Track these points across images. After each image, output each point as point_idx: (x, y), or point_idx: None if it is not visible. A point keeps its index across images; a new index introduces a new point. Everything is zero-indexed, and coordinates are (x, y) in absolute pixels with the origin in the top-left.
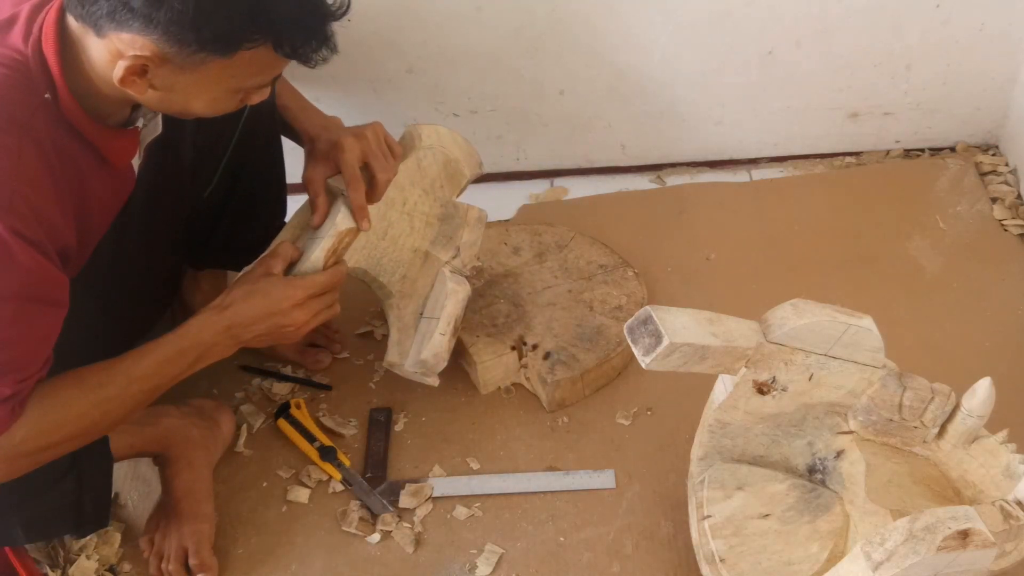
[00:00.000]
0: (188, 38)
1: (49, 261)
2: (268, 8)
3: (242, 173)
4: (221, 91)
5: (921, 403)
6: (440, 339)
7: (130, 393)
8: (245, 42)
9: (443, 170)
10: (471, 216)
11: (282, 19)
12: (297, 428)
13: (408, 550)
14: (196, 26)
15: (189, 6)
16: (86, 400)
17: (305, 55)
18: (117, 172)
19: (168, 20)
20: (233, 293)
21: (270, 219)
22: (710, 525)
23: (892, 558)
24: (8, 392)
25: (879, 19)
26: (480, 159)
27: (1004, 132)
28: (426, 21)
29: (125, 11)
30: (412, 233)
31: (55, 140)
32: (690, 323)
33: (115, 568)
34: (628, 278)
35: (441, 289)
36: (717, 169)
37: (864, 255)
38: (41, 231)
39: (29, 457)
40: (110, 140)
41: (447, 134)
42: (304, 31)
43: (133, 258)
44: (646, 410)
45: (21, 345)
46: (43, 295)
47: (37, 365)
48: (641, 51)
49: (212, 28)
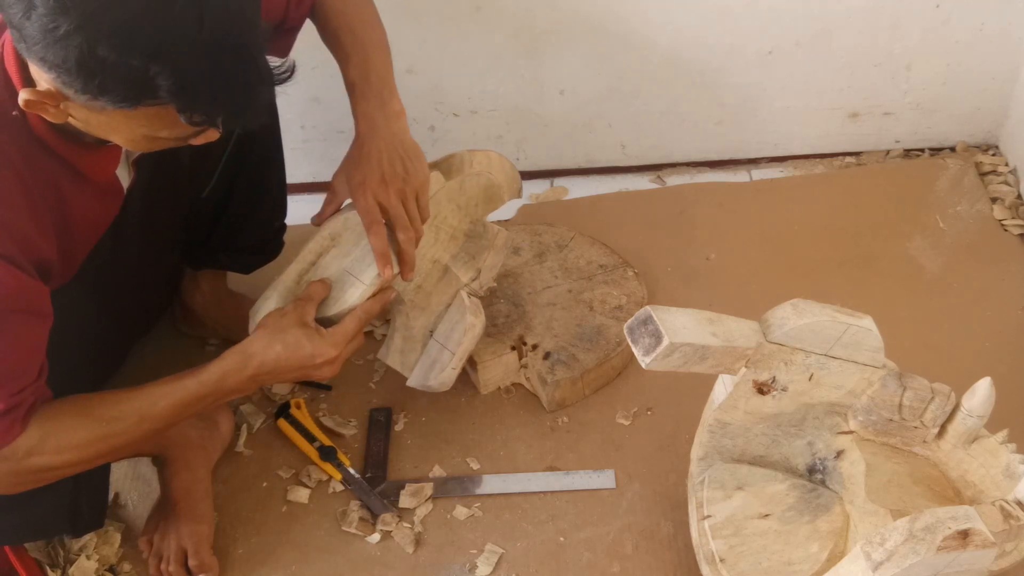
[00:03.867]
0: (78, 86)
1: (24, 273)
2: (169, 72)
3: (241, 173)
4: (137, 136)
5: (921, 403)
6: (452, 373)
7: (141, 430)
8: (144, 100)
9: (483, 192)
10: (499, 240)
11: (186, 87)
12: (297, 428)
13: (408, 550)
14: (84, 77)
15: (72, 57)
16: (93, 432)
17: (223, 125)
18: (99, 186)
19: (57, 64)
20: (261, 339)
21: (269, 219)
22: (710, 525)
23: (892, 558)
24: (3, 406)
25: (879, 19)
26: (521, 185)
27: (1004, 132)
28: (426, 21)
29: (24, 43)
30: (436, 244)
31: (27, 157)
32: (690, 323)
33: (115, 568)
34: (628, 278)
35: (459, 319)
36: (717, 169)
37: (864, 255)
38: (13, 245)
39: (34, 474)
40: (85, 157)
41: (497, 160)
42: (217, 104)
43: (131, 258)
44: (646, 410)
45: (9, 358)
46: (23, 306)
47: (30, 376)
48: (641, 51)
49: (100, 82)
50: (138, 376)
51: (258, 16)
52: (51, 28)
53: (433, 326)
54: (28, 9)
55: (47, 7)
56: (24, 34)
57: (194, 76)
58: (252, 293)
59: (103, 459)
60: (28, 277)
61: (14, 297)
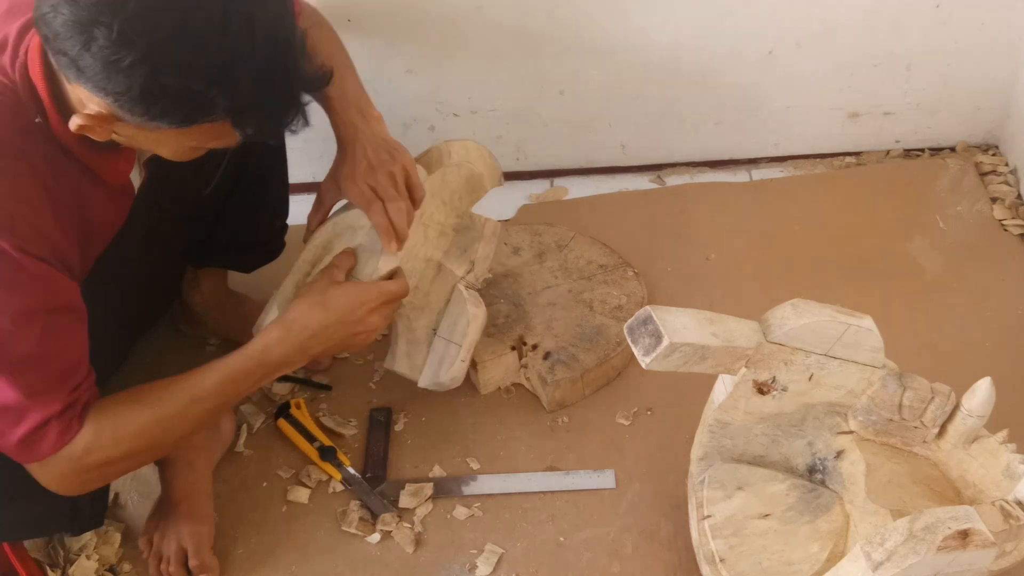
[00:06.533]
0: (138, 111)
1: (60, 272)
2: (228, 93)
3: (245, 171)
4: (184, 148)
5: (921, 403)
6: (461, 366)
7: (193, 412)
8: (201, 119)
9: (465, 183)
10: (488, 230)
11: (243, 102)
12: (297, 428)
13: (408, 550)
14: (146, 104)
15: (136, 85)
16: (145, 418)
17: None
18: (115, 188)
19: (117, 92)
20: (298, 306)
21: (272, 218)
22: (710, 525)
23: (892, 558)
24: (60, 407)
25: (879, 19)
26: (502, 173)
27: (1004, 132)
28: (426, 21)
29: (77, 72)
30: (426, 243)
31: (50, 161)
32: (690, 323)
33: (115, 568)
34: (628, 278)
35: (460, 311)
36: (717, 169)
37: (864, 255)
38: (46, 248)
39: (95, 470)
40: (104, 161)
41: (475, 149)
42: (267, 116)
43: (134, 256)
44: (646, 410)
45: (60, 358)
46: (66, 304)
47: (81, 374)
48: (641, 51)
49: (162, 107)
50: (138, 375)
51: (295, 25)
52: (114, 60)
53: (435, 324)
54: (87, 42)
55: (109, 40)
56: (81, 64)
57: (250, 94)
58: (252, 293)
59: (159, 448)
60: (64, 276)
61: (56, 295)
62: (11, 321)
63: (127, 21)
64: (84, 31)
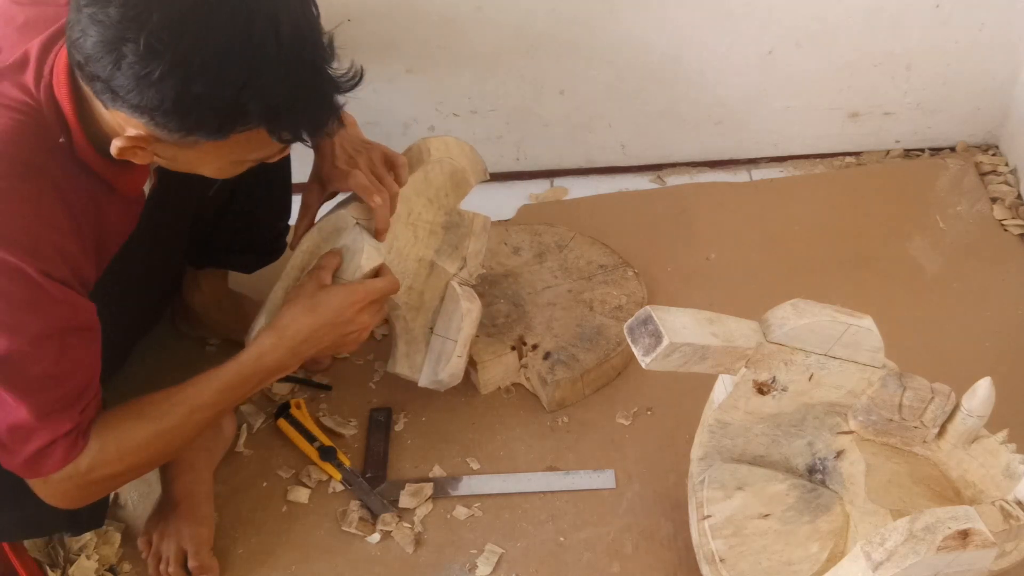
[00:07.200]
0: (173, 125)
1: (78, 293)
2: (258, 96)
3: (247, 171)
4: (225, 163)
5: (921, 403)
6: (458, 361)
7: (192, 422)
8: (236, 128)
9: (449, 180)
10: (476, 225)
11: (275, 107)
12: (297, 428)
13: (408, 550)
14: (180, 116)
15: (168, 97)
16: (148, 431)
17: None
18: (129, 198)
19: (151, 108)
20: (287, 312)
21: (273, 219)
22: (710, 525)
23: (892, 558)
24: (70, 426)
25: (879, 19)
26: (485, 167)
27: (1004, 132)
28: (426, 21)
29: (112, 95)
30: (416, 243)
31: (70, 179)
32: (690, 323)
33: (115, 568)
34: (628, 278)
35: (454, 308)
36: (717, 169)
37: (864, 255)
38: (66, 269)
39: (98, 485)
40: (122, 175)
41: (455, 144)
42: (302, 119)
43: (137, 258)
44: (646, 410)
45: (73, 377)
46: (81, 324)
47: (92, 393)
48: (641, 51)
49: (196, 117)
50: (138, 376)
51: (320, 25)
52: (144, 74)
53: (432, 323)
54: (118, 60)
55: (137, 55)
56: (114, 85)
57: (280, 96)
58: (252, 293)
59: (161, 458)
60: (81, 297)
61: (73, 316)
62: (30, 343)
63: (153, 33)
64: (113, 49)
